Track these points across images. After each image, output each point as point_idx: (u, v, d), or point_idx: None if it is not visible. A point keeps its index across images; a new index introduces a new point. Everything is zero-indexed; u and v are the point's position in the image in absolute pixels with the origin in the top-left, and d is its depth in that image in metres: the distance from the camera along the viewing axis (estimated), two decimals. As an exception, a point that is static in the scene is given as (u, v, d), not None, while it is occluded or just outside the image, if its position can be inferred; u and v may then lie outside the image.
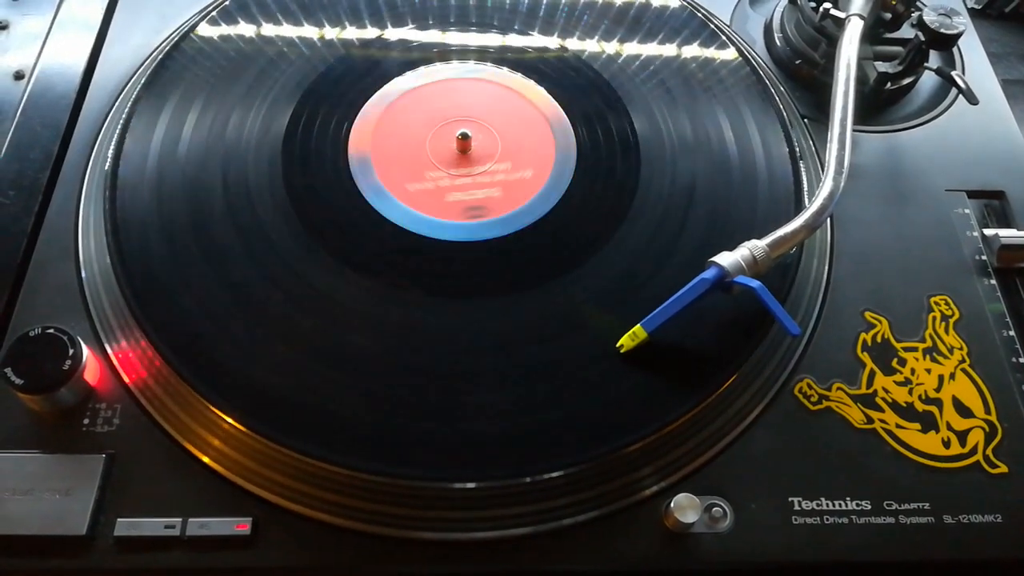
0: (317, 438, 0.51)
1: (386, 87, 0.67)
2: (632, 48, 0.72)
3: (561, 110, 0.67)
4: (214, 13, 0.70)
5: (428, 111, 0.67)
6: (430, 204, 0.61)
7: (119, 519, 0.49)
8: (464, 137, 0.64)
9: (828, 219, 0.62)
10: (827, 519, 0.52)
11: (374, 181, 0.62)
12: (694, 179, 0.63)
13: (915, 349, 0.58)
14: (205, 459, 0.52)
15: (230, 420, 0.51)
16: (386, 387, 0.53)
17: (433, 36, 0.71)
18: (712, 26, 0.73)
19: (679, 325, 0.54)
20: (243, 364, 0.53)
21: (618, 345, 0.54)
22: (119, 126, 0.63)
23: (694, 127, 0.67)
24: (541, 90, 0.68)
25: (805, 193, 0.63)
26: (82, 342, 0.53)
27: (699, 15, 0.74)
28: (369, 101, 0.66)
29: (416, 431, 0.52)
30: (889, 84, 0.69)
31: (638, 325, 0.53)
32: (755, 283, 0.52)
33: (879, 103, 0.71)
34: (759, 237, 0.55)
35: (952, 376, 0.57)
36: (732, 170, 0.64)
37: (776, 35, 0.74)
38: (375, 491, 0.50)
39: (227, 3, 0.71)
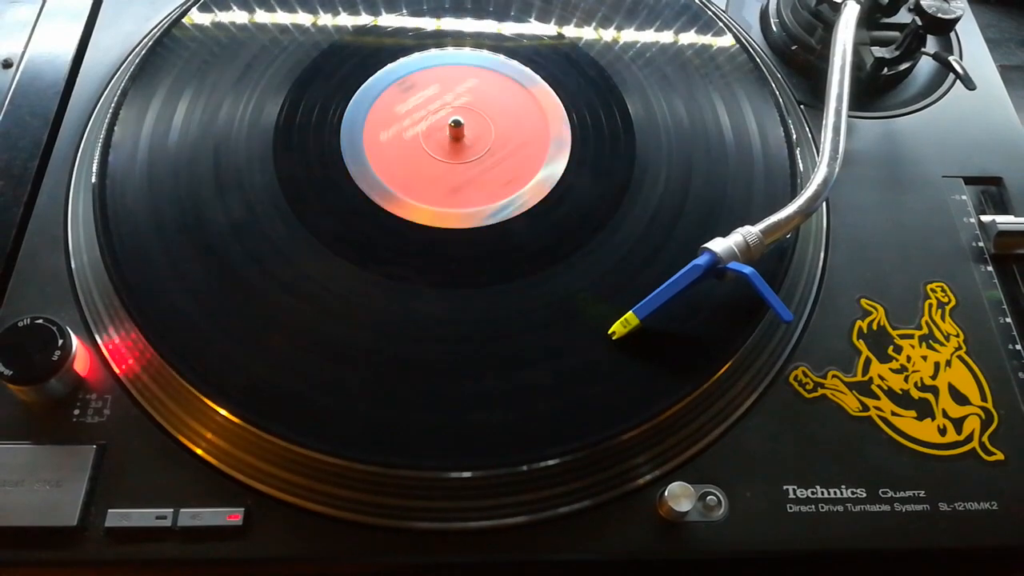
0: (309, 428, 0.50)
1: (379, 74, 0.67)
2: (628, 34, 0.71)
3: (556, 97, 0.67)
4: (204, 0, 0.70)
5: (422, 99, 0.66)
6: (423, 191, 0.61)
7: (110, 510, 0.49)
8: (456, 125, 0.63)
9: (824, 205, 0.62)
10: (822, 507, 0.51)
11: (367, 170, 0.61)
12: (690, 165, 0.63)
13: (911, 336, 0.58)
14: (196, 450, 0.51)
15: (221, 411, 0.51)
16: (379, 377, 0.53)
17: (427, 22, 0.71)
18: (708, 12, 0.72)
19: (673, 312, 0.53)
20: (234, 354, 0.53)
21: (610, 332, 0.53)
22: (108, 115, 0.62)
23: (690, 113, 0.66)
24: (537, 77, 0.68)
25: (801, 179, 0.62)
26: (72, 333, 0.53)
27: (695, 1, 0.73)
28: (361, 88, 0.66)
29: (410, 421, 0.51)
30: (886, 69, 0.69)
31: (630, 312, 0.53)
32: (748, 269, 0.52)
33: (876, 89, 0.70)
34: (754, 223, 0.55)
35: (948, 363, 0.57)
36: (728, 156, 0.64)
37: (772, 21, 0.74)
38: (368, 481, 0.50)
39: (217, -10, 0.70)
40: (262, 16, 0.69)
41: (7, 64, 0.69)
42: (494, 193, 0.61)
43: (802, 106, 0.69)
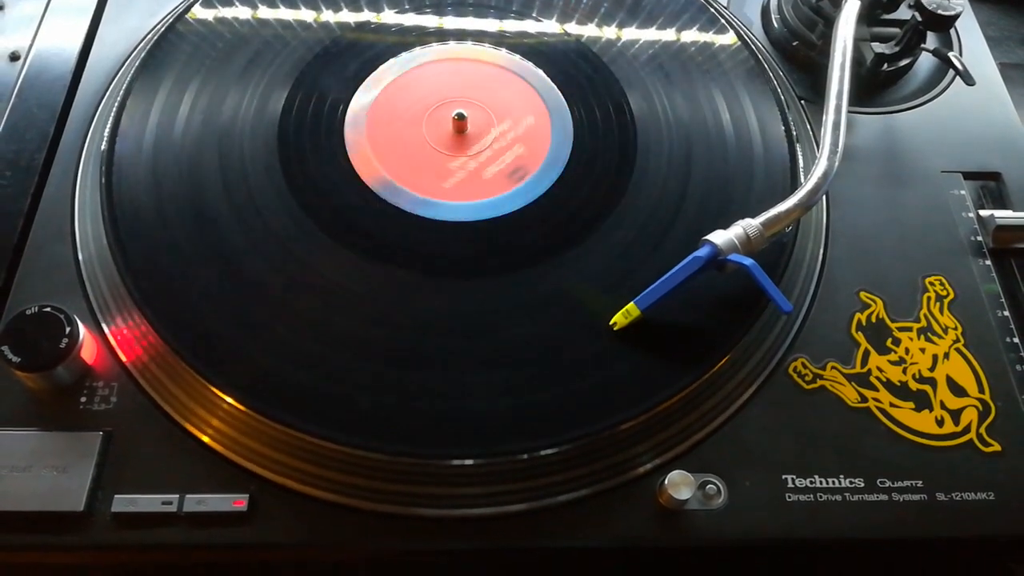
0: (314, 416, 0.51)
1: (382, 68, 0.67)
2: (630, 30, 0.71)
3: (559, 91, 0.67)
4: (210, -6, 0.70)
5: (424, 91, 0.66)
6: (425, 184, 0.61)
7: (116, 495, 0.49)
8: (460, 117, 0.64)
9: (823, 199, 0.62)
10: (820, 496, 0.52)
11: (371, 161, 0.62)
12: (691, 159, 0.64)
13: (910, 329, 0.58)
14: (202, 437, 0.52)
15: (227, 398, 0.51)
16: (383, 366, 0.53)
17: (430, 19, 0.71)
18: (710, 8, 0.73)
19: (674, 304, 0.54)
20: (239, 342, 0.53)
21: (611, 323, 0.54)
22: (115, 107, 0.63)
23: (691, 109, 0.67)
24: (540, 72, 0.68)
25: (801, 174, 0.63)
26: (79, 321, 0.53)
27: (696, -3, 0.73)
28: (365, 82, 0.66)
29: (413, 409, 0.52)
30: (886, 65, 0.69)
31: (631, 303, 0.53)
32: (748, 260, 0.52)
33: (876, 84, 0.71)
34: (755, 217, 0.55)
35: (946, 356, 0.58)
36: (729, 151, 0.64)
37: (773, 17, 0.74)
38: (372, 468, 0.51)
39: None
40: (266, 10, 0.70)
41: (14, 57, 0.69)
42: (496, 186, 0.62)
43: (803, 101, 0.70)
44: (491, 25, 0.72)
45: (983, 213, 0.63)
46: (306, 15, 0.70)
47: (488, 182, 0.62)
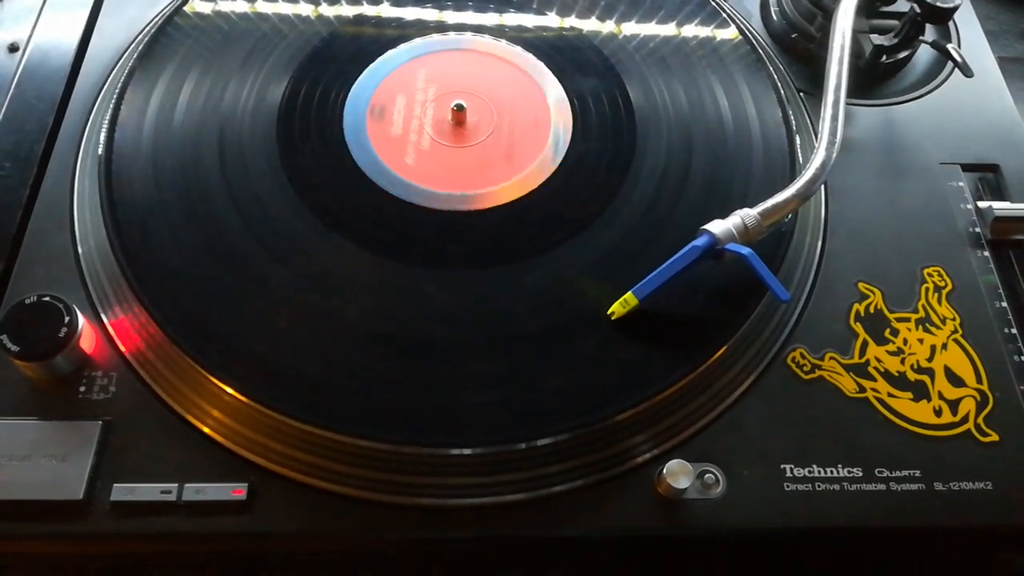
0: (313, 405, 0.51)
1: (384, 57, 0.67)
2: (629, 22, 0.71)
3: (558, 83, 0.67)
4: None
5: (424, 83, 0.66)
6: (424, 174, 0.61)
7: (115, 484, 0.49)
8: (459, 109, 0.64)
9: (822, 189, 0.62)
10: (819, 486, 0.52)
11: (370, 152, 0.62)
12: (690, 152, 0.64)
13: (908, 320, 0.59)
14: (201, 426, 0.52)
15: (226, 388, 0.51)
16: (381, 356, 0.53)
17: (430, 12, 0.71)
18: (710, 1, 0.73)
19: (672, 293, 0.54)
20: (239, 332, 0.53)
21: (609, 312, 0.54)
22: (114, 98, 0.63)
23: (691, 100, 0.67)
24: (539, 64, 0.68)
25: (800, 164, 0.63)
26: (78, 310, 0.53)
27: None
28: (364, 72, 0.66)
29: (412, 399, 0.52)
30: (885, 57, 0.69)
31: (629, 292, 0.53)
32: (745, 250, 0.52)
33: (875, 76, 0.71)
34: (753, 207, 0.55)
35: (944, 346, 0.58)
36: (728, 143, 0.64)
37: (772, 9, 0.74)
38: (370, 457, 0.51)
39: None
40: (265, 2, 0.70)
41: (14, 48, 0.69)
42: (494, 176, 0.62)
43: (802, 93, 0.70)
44: (491, 18, 0.72)
45: (981, 204, 0.63)
46: (305, 7, 0.70)
47: (487, 173, 0.62)
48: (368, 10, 0.71)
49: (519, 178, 0.62)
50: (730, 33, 0.71)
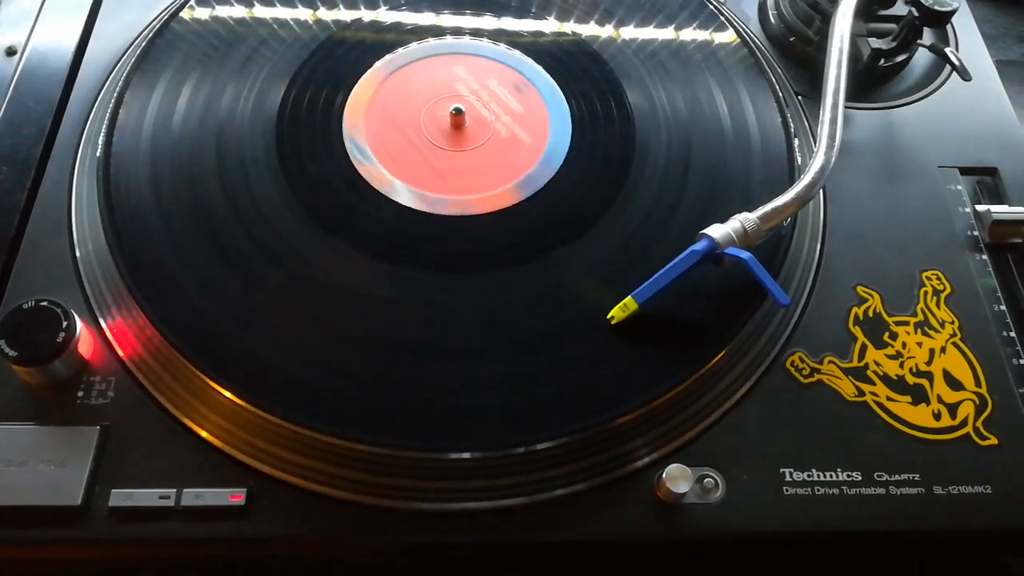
0: (312, 410, 0.51)
1: (381, 62, 0.67)
2: (628, 26, 0.72)
3: (557, 87, 0.67)
4: (207, -11, 0.70)
5: (422, 87, 0.66)
6: (422, 179, 0.61)
7: (114, 490, 0.49)
8: (458, 112, 0.64)
9: (820, 193, 0.62)
10: (818, 490, 0.52)
11: (369, 156, 0.62)
12: (689, 156, 0.64)
13: (907, 323, 0.59)
14: (199, 431, 0.52)
15: (225, 392, 0.51)
16: (381, 360, 0.53)
17: (428, 18, 0.71)
18: (707, 5, 0.73)
19: (671, 297, 0.54)
20: (237, 337, 0.53)
21: (608, 316, 0.54)
22: (112, 101, 0.63)
23: (689, 105, 0.67)
24: (538, 68, 0.68)
25: (798, 168, 0.63)
26: (76, 315, 0.53)
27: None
28: (363, 77, 0.66)
29: (411, 403, 0.52)
30: (883, 61, 0.69)
31: (629, 296, 0.53)
32: (745, 254, 0.52)
33: (873, 80, 0.71)
34: (752, 211, 0.55)
35: (943, 350, 0.58)
36: (727, 146, 0.64)
37: (771, 13, 0.74)
38: (369, 462, 0.51)
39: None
40: (264, 5, 0.70)
41: (11, 52, 0.69)
42: (493, 180, 0.62)
43: (800, 97, 0.70)
44: (490, 22, 0.72)
45: (980, 208, 0.64)
46: (303, 11, 0.70)
47: (485, 177, 0.62)
48: (366, 15, 0.71)
49: (519, 182, 0.62)
50: (728, 37, 0.71)
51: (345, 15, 0.70)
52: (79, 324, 0.53)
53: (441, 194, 0.61)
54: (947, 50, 0.68)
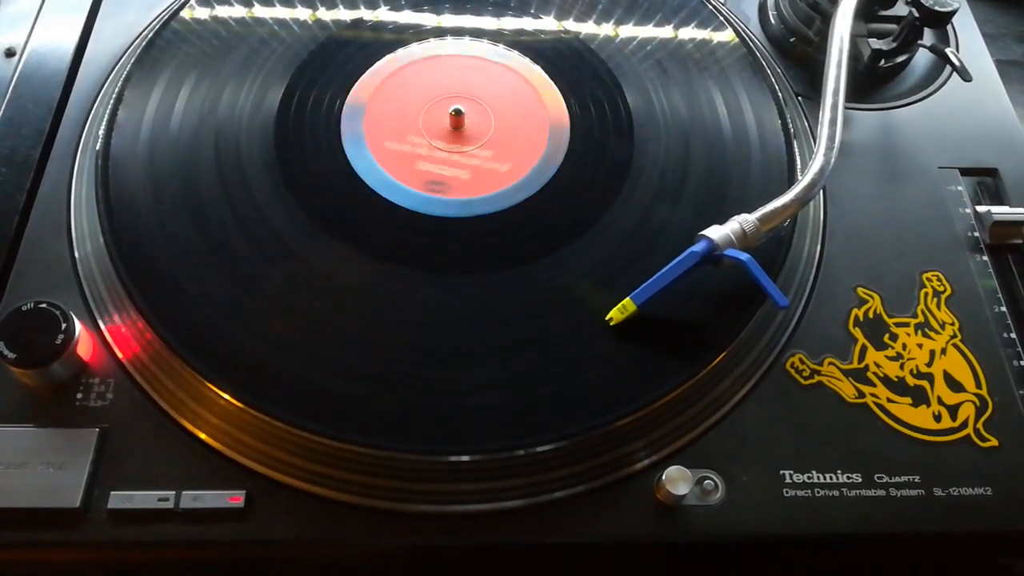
0: (311, 411, 0.51)
1: (381, 62, 0.67)
2: (628, 26, 0.71)
3: (555, 87, 0.67)
4: (206, -10, 0.70)
5: (421, 87, 0.66)
6: (421, 180, 0.61)
7: (112, 492, 0.49)
8: (457, 113, 0.63)
9: (820, 195, 0.62)
10: (818, 492, 0.52)
11: (368, 158, 0.62)
12: (688, 157, 0.64)
13: (907, 324, 0.58)
14: (198, 433, 0.52)
15: (223, 394, 0.51)
16: (380, 362, 0.53)
17: (428, 16, 0.71)
18: (707, 5, 0.73)
19: (671, 299, 0.54)
20: (236, 339, 0.53)
21: (607, 318, 0.54)
22: (111, 103, 0.63)
23: (689, 105, 0.67)
24: (537, 68, 0.68)
25: (799, 170, 0.63)
26: (75, 317, 0.53)
27: (694, -7, 0.73)
28: (363, 77, 0.66)
29: (410, 405, 0.52)
30: (883, 61, 0.69)
31: (627, 298, 0.53)
32: (744, 255, 0.52)
33: (873, 81, 0.71)
34: (752, 212, 0.55)
35: (943, 351, 0.58)
36: (726, 148, 0.64)
37: (771, 13, 0.74)
38: (368, 464, 0.51)
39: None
40: (263, 5, 0.70)
41: (10, 53, 0.69)
42: (492, 182, 0.62)
43: (800, 98, 0.70)
44: (489, 22, 0.71)
45: (980, 209, 0.63)
46: (303, 11, 0.70)
47: (484, 178, 0.62)
48: (366, 14, 0.71)
49: (517, 183, 0.61)
50: (728, 37, 0.71)
51: (344, 14, 0.70)
52: (78, 326, 0.53)
53: (440, 195, 0.60)
54: (947, 50, 0.68)
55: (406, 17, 0.71)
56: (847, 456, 0.53)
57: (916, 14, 0.66)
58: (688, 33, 0.71)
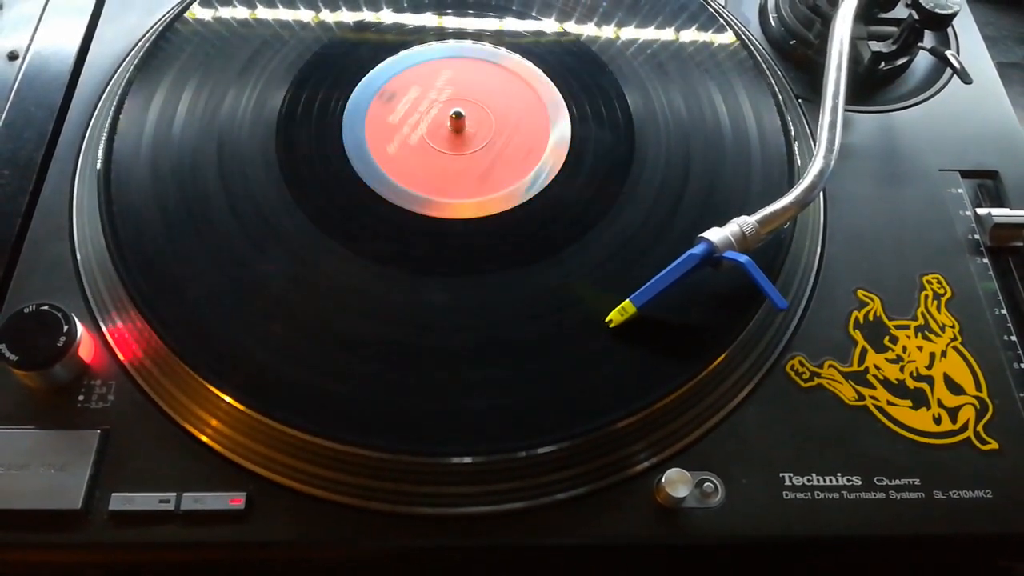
0: (312, 414, 0.51)
1: (383, 65, 0.68)
2: (628, 29, 0.72)
3: (556, 90, 0.67)
4: (208, -7, 0.70)
5: (422, 90, 0.67)
6: (422, 182, 0.61)
7: (114, 494, 0.49)
8: (458, 116, 0.64)
9: (820, 197, 0.62)
10: (818, 494, 0.52)
11: (369, 161, 0.62)
12: (689, 159, 0.64)
13: (907, 327, 0.58)
14: (199, 435, 0.52)
15: (224, 397, 0.51)
16: (381, 364, 0.53)
17: (429, 18, 0.71)
18: (707, 8, 0.73)
19: (671, 301, 0.54)
20: (237, 341, 0.53)
21: (607, 320, 0.54)
22: (113, 106, 0.63)
23: (689, 107, 0.67)
24: (538, 71, 0.68)
25: (798, 172, 0.63)
26: (76, 319, 0.53)
27: (694, -4, 0.74)
28: (363, 80, 0.66)
29: (411, 407, 0.52)
30: (883, 64, 0.69)
31: (627, 300, 0.53)
32: (743, 258, 0.52)
33: (874, 83, 0.71)
34: (751, 214, 0.55)
35: (944, 354, 0.58)
36: (727, 150, 0.64)
37: (771, 16, 0.74)
38: (368, 466, 0.51)
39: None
40: (265, 9, 0.70)
41: (13, 56, 0.69)
42: (492, 184, 0.62)
43: (800, 100, 0.70)
44: (490, 24, 0.72)
45: (980, 211, 0.63)
46: (304, 14, 0.70)
47: (485, 180, 0.62)
48: (367, 15, 0.71)
49: (518, 185, 0.62)
50: (728, 39, 0.71)
51: (347, 16, 0.70)
52: (80, 328, 0.53)
53: (441, 197, 0.61)
54: (947, 53, 0.68)
55: (408, 19, 0.71)
56: (847, 459, 0.53)
57: (916, 16, 0.66)
58: (688, 35, 0.71)
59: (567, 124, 0.65)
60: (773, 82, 0.68)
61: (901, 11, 0.69)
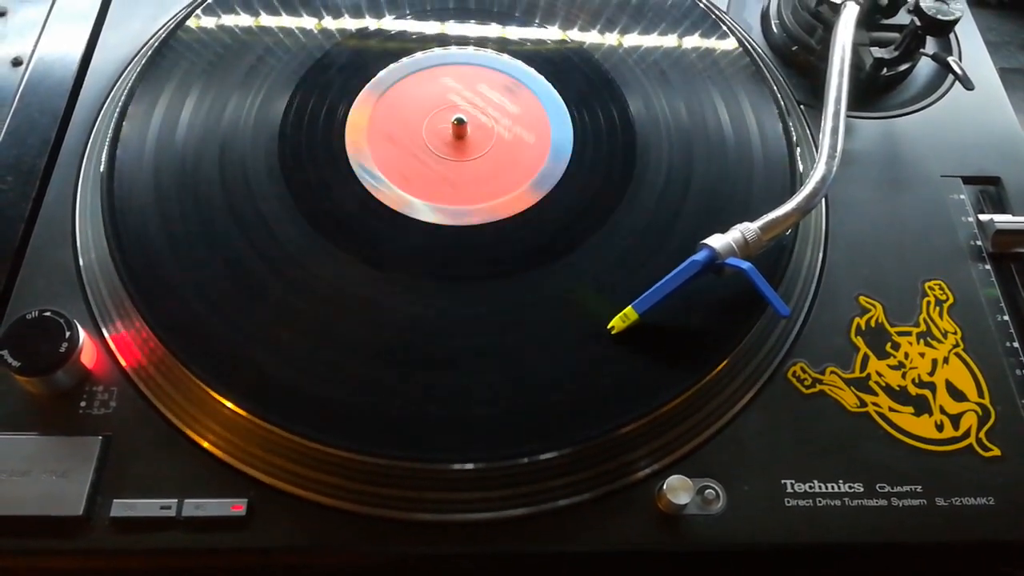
0: (314, 420, 0.51)
1: (385, 71, 0.68)
2: (631, 35, 0.72)
3: (558, 96, 0.67)
4: (211, 0, 0.71)
5: (424, 96, 0.67)
6: (424, 188, 0.61)
7: (115, 500, 0.50)
8: (459, 123, 0.64)
9: (822, 203, 0.62)
10: (820, 501, 0.52)
11: (371, 167, 0.62)
12: (690, 165, 0.64)
13: (909, 333, 0.58)
14: (201, 441, 0.52)
15: (226, 403, 0.51)
16: (383, 370, 0.53)
17: (431, 25, 0.71)
18: (710, 14, 0.73)
19: (673, 308, 0.54)
20: (240, 347, 0.53)
21: (609, 326, 0.54)
22: (116, 112, 0.63)
23: (691, 113, 0.67)
24: (540, 77, 0.68)
25: (800, 178, 0.63)
26: (79, 325, 0.53)
27: (697, 2, 0.74)
28: (366, 87, 0.67)
29: (412, 413, 0.52)
30: (885, 70, 0.69)
31: (629, 307, 0.53)
32: (745, 264, 0.52)
33: (875, 89, 0.71)
34: (753, 221, 0.55)
35: (946, 360, 0.57)
36: (728, 156, 0.64)
37: (773, 22, 0.74)
38: (371, 472, 0.51)
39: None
40: (268, 16, 0.70)
41: (17, 62, 0.70)
42: (495, 190, 0.62)
43: (802, 106, 0.70)
44: (493, 31, 0.72)
45: (983, 217, 0.63)
46: (307, 21, 0.70)
47: (487, 187, 0.62)
48: (370, 22, 0.71)
49: (520, 191, 0.62)
50: (730, 45, 0.71)
51: (350, 23, 0.70)
52: (82, 334, 0.53)
53: (444, 204, 0.61)
54: (950, 59, 0.68)
55: (410, 26, 0.71)
56: (849, 465, 0.53)
57: (918, 23, 0.66)
58: (691, 42, 0.71)
59: (569, 131, 0.65)
60: (775, 88, 0.68)
61: (903, 17, 0.69)
